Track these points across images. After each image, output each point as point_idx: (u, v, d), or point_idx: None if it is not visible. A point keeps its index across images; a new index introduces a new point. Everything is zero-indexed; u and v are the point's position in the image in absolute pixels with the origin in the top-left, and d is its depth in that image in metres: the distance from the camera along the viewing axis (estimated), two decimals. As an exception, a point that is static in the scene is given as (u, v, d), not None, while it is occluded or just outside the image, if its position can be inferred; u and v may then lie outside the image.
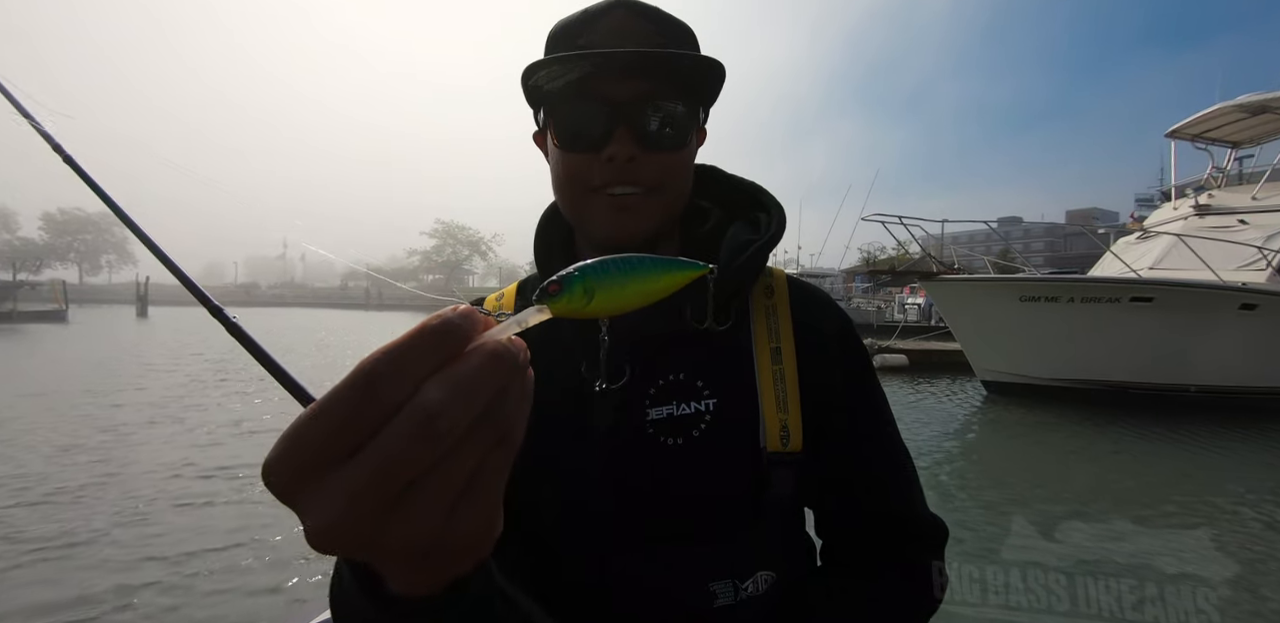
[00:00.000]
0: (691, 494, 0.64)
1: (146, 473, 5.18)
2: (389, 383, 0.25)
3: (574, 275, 0.31)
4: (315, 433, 0.25)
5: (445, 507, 0.26)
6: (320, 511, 0.25)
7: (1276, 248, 9.19)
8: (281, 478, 0.25)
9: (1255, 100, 10.78)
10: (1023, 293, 8.69)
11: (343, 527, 0.25)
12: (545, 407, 0.62)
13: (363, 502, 0.25)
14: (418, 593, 0.34)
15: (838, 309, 0.76)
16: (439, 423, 0.24)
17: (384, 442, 0.24)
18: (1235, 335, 8.52)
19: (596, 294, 0.31)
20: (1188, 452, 6.66)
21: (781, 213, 0.75)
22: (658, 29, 0.65)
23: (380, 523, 0.25)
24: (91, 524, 4.00)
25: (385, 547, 0.26)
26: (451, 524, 0.27)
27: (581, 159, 0.64)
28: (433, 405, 0.24)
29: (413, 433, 0.24)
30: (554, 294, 0.31)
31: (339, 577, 0.42)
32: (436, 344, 0.26)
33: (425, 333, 0.26)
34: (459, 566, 0.32)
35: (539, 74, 0.63)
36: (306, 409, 0.25)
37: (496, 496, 0.29)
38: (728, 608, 0.63)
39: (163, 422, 7.29)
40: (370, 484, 0.24)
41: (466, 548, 0.30)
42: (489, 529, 0.30)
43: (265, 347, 0.64)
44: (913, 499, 0.73)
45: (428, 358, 0.25)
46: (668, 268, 0.33)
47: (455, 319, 0.26)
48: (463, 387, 0.25)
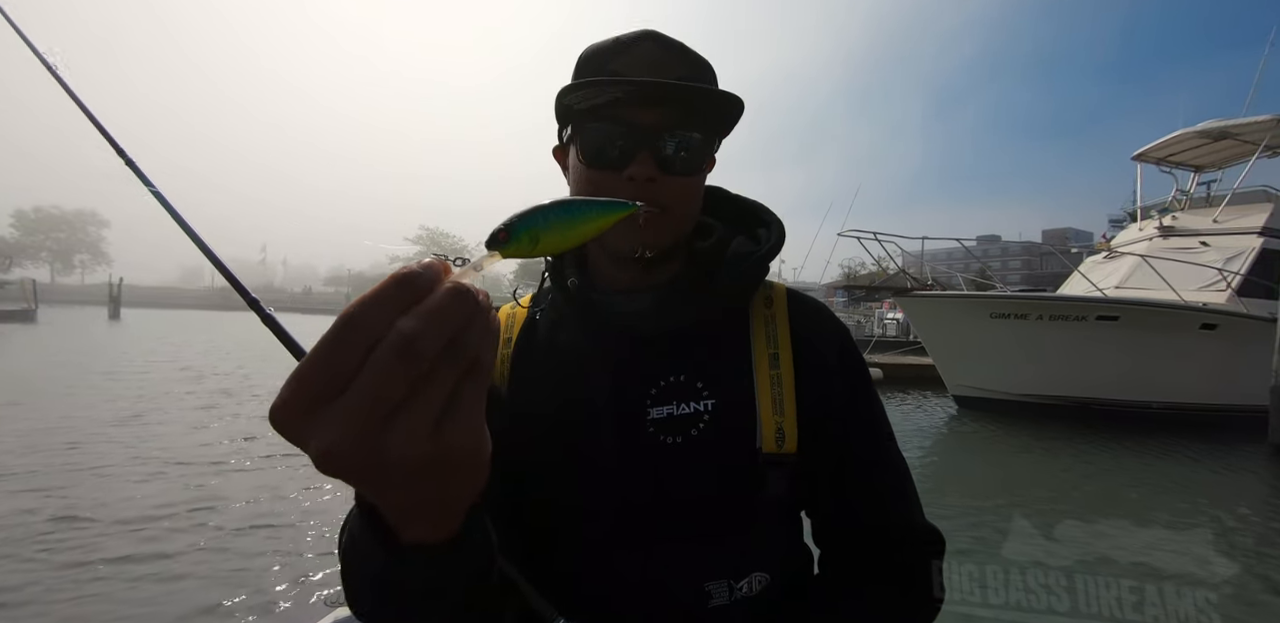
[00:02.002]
0: (689, 492, 0.66)
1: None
2: (367, 323, 0.28)
3: (519, 224, 0.34)
4: (311, 373, 0.29)
5: (431, 424, 0.30)
6: (322, 436, 0.29)
7: (1236, 269, 9.53)
8: (286, 417, 0.29)
9: (1216, 126, 11.20)
10: (993, 310, 8.90)
11: (343, 448, 0.29)
12: (550, 406, 0.69)
13: (358, 423, 0.28)
14: (425, 540, 0.38)
15: (836, 321, 0.78)
16: (415, 345, 0.28)
17: (371, 368, 0.28)
18: (1196, 354, 8.79)
19: (541, 239, 0.35)
20: (1144, 464, 6.85)
21: (781, 228, 0.79)
22: (682, 62, 0.69)
23: (376, 442, 0.29)
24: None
25: (382, 465, 0.30)
26: (438, 440, 0.30)
27: (603, 176, 0.67)
28: (409, 331, 0.28)
29: (394, 356, 0.28)
30: (503, 241, 0.34)
31: (350, 536, 0.45)
32: (405, 289, 0.29)
33: (394, 281, 0.29)
34: (457, 488, 0.36)
35: (572, 95, 0.67)
36: (303, 358, 0.29)
37: (478, 416, 0.33)
38: (722, 608, 0.65)
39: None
40: (363, 407, 0.28)
41: (458, 464, 0.33)
42: (475, 447, 0.33)
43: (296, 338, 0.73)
44: (910, 507, 0.74)
45: (399, 301, 0.29)
46: (601, 210, 0.37)
47: (418, 268, 0.30)
48: (433, 316, 0.29)
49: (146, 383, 10.26)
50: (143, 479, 5.04)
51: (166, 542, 3.78)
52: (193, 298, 69.90)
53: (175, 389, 9.75)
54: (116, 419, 7.31)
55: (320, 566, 3.52)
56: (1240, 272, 9.50)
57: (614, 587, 0.65)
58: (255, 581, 3.32)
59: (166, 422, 7.37)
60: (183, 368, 12.30)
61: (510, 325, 0.77)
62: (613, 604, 0.65)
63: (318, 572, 3.44)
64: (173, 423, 7.32)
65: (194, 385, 10.21)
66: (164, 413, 7.86)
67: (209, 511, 4.35)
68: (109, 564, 3.46)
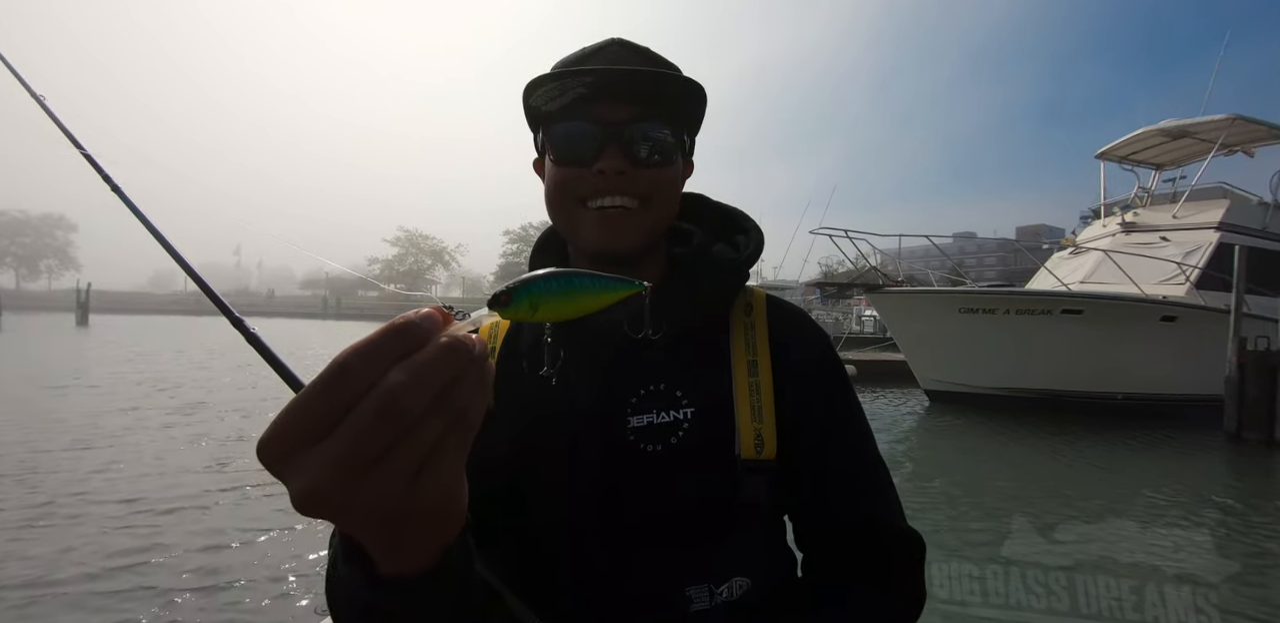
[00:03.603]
0: (669, 498, 0.67)
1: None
2: (357, 372, 0.29)
3: (521, 290, 0.35)
4: (298, 415, 0.29)
5: (408, 476, 0.30)
6: (302, 478, 0.29)
7: (1194, 263, 9.84)
8: (271, 454, 0.30)
9: (1176, 125, 11.57)
10: (962, 305, 9.11)
11: (321, 492, 0.29)
12: (531, 414, 0.70)
13: (337, 470, 0.29)
14: (402, 571, 0.39)
15: (815, 327, 0.79)
16: (401, 401, 0.29)
17: (355, 418, 0.29)
18: (1157, 346, 9.06)
19: (540, 307, 0.36)
20: (1112, 454, 7.08)
21: (760, 235, 0.80)
22: (645, 61, 0.71)
23: (352, 489, 0.29)
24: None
25: (357, 510, 0.31)
26: (414, 492, 0.31)
27: (573, 172, 0.68)
28: (395, 387, 0.29)
29: (378, 410, 0.28)
30: (505, 303, 0.35)
31: (334, 567, 0.47)
32: (399, 340, 0.30)
33: (390, 330, 0.30)
34: (428, 538, 0.37)
35: (537, 93, 0.68)
36: (293, 397, 0.30)
37: (457, 469, 0.33)
38: (703, 613, 0.65)
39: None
40: (344, 455, 0.29)
41: (431, 515, 0.34)
42: (450, 500, 0.34)
43: (280, 356, 0.71)
44: (890, 511, 0.74)
45: (392, 351, 0.30)
46: (604, 286, 0.38)
47: (416, 319, 0.31)
48: (421, 372, 0.29)
49: (101, 400, 8.93)
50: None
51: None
52: (164, 302, 68.35)
53: (141, 404, 8.66)
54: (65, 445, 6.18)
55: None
56: (1198, 265, 9.81)
57: (595, 592, 0.66)
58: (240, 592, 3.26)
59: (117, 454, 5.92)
60: (138, 383, 10.77)
61: (494, 335, 0.78)
62: (594, 609, 0.65)
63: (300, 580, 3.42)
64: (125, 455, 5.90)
65: (155, 402, 8.89)
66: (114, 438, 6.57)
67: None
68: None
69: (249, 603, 3.15)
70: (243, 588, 3.28)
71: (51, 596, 3.14)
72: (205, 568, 3.50)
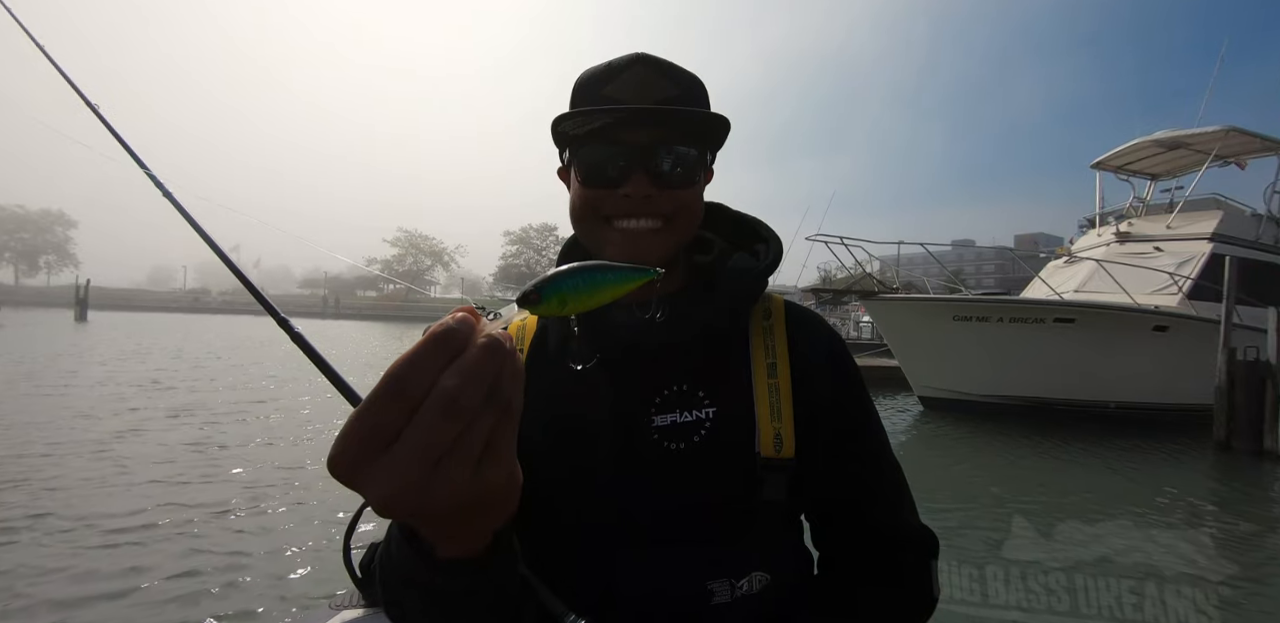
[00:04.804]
0: (692, 496, 0.69)
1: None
2: (412, 382, 0.32)
3: (548, 288, 0.39)
4: (362, 428, 0.32)
5: (472, 467, 0.34)
6: (378, 486, 0.32)
7: (1187, 274, 9.88)
8: (342, 468, 0.32)
9: (1171, 136, 11.65)
10: (956, 313, 9.15)
11: (398, 496, 0.32)
12: (558, 414, 0.73)
13: (410, 473, 0.32)
14: (461, 555, 0.44)
15: (830, 331, 0.81)
16: (460, 402, 0.32)
17: (419, 424, 0.32)
18: (1149, 355, 9.11)
19: (569, 302, 0.39)
20: (1103, 463, 7.12)
21: (779, 244, 0.83)
22: (673, 83, 0.72)
23: (425, 488, 0.32)
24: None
25: (433, 506, 0.34)
26: (479, 482, 0.34)
27: (599, 193, 0.71)
28: (452, 389, 0.32)
29: (441, 413, 0.31)
30: (535, 302, 0.39)
31: (387, 552, 0.51)
32: (444, 346, 0.33)
33: (434, 339, 0.33)
34: (493, 518, 0.42)
35: (566, 123, 0.71)
36: (353, 411, 0.33)
37: (511, 454, 0.37)
38: (724, 606, 0.68)
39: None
40: (413, 459, 0.32)
41: (496, 499, 0.39)
42: (509, 482, 0.38)
43: (322, 353, 0.83)
44: (905, 509, 0.77)
45: (439, 357, 0.32)
46: (623, 277, 0.41)
47: (455, 325, 0.33)
48: (472, 373, 0.32)
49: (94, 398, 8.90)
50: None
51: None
52: (162, 300, 68.34)
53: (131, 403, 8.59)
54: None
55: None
56: (1191, 276, 9.84)
57: (618, 586, 0.68)
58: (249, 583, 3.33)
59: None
60: (137, 385, 10.49)
61: (521, 337, 0.80)
62: (617, 602, 0.67)
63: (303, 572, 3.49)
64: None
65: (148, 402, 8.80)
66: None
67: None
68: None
69: (259, 590, 3.25)
70: (251, 579, 3.37)
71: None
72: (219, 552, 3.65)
